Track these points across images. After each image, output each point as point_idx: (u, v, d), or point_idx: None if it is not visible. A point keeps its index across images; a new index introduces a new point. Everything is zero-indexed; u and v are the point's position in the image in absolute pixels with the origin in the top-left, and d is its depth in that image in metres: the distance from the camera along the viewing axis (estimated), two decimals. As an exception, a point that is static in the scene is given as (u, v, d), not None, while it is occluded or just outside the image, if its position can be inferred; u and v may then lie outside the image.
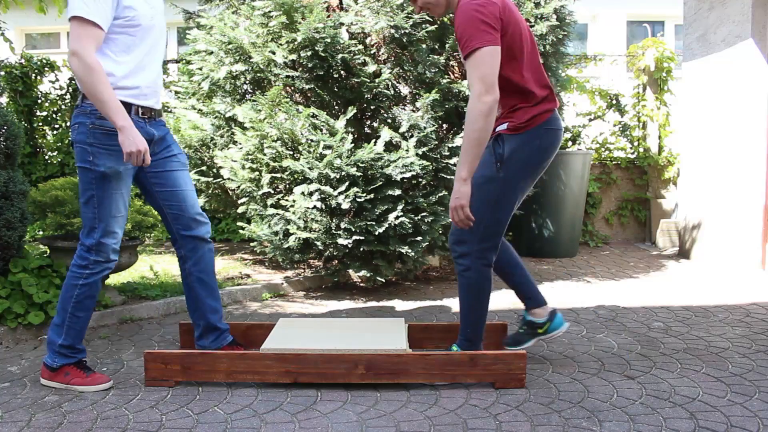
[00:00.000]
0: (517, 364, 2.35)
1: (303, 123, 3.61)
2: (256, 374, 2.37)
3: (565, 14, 4.12)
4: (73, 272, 2.37)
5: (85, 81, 2.17)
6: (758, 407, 2.17)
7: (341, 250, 3.70)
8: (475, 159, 2.25)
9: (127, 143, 2.20)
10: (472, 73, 2.22)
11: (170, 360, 2.37)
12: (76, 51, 2.15)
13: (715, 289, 4.19)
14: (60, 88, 6.35)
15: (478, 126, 2.20)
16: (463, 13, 2.24)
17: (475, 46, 2.19)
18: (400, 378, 2.35)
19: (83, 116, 2.30)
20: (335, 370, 2.35)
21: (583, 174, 5.50)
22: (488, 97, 2.19)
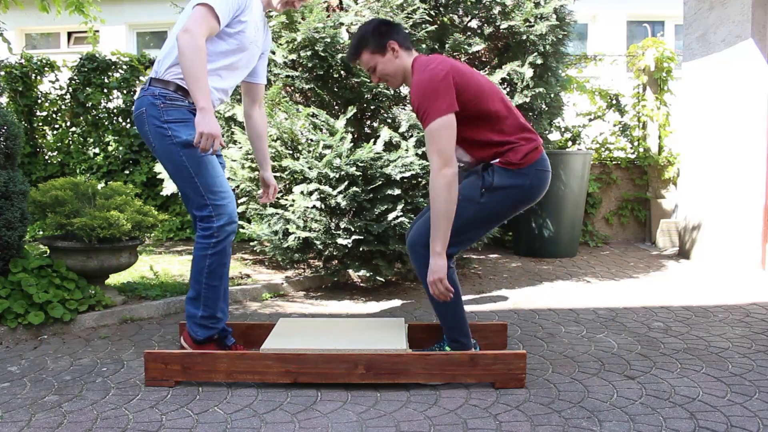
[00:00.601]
0: (517, 364, 2.35)
1: (303, 123, 3.61)
2: (256, 374, 2.36)
3: (565, 14, 4.12)
4: (199, 243, 2.43)
5: (189, 57, 2.21)
6: (758, 407, 2.17)
7: (341, 249, 3.70)
8: (447, 231, 2.29)
9: (203, 123, 2.22)
10: (430, 146, 2.27)
11: (170, 360, 2.36)
12: (191, 29, 2.22)
13: (715, 289, 4.19)
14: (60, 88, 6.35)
15: (442, 199, 2.25)
16: (416, 89, 2.30)
17: (431, 119, 2.25)
18: (400, 378, 2.35)
19: (152, 98, 2.36)
20: (335, 370, 2.35)
21: (583, 174, 5.50)
22: (447, 170, 2.24)
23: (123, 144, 6.19)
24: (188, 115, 2.37)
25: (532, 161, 2.40)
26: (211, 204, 2.40)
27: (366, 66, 2.47)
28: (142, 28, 10.26)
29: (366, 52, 2.43)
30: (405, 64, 2.42)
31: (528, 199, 2.45)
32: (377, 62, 2.43)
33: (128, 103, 6.26)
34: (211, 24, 2.28)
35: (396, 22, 2.53)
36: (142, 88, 2.43)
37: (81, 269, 3.22)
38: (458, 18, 4.12)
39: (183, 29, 2.23)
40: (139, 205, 3.43)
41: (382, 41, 2.40)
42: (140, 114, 2.40)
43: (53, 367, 2.59)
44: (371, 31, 2.41)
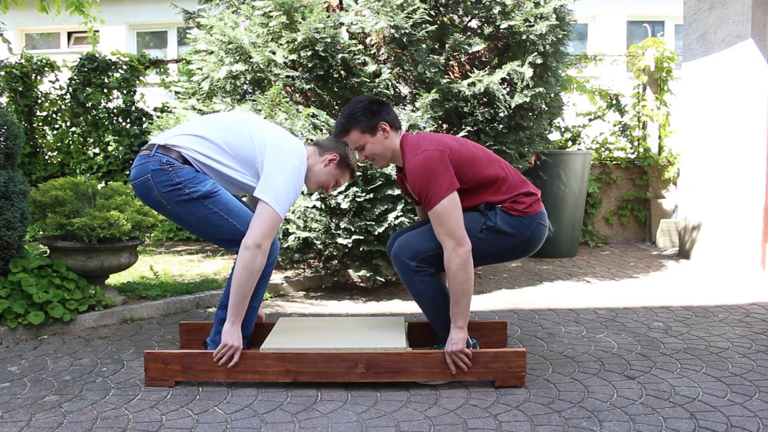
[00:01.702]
0: (517, 362, 2.35)
1: (303, 123, 3.61)
2: (256, 374, 2.36)
3: (565, 14, 4.11)
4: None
5: (251, 274, 2.30)
6: (758, 407, 2.17)
7: (341, 249, 3.70)
8: (467, 309, 2.32)
9: (229, 336, 2.32)
10: (440, 229, 2.29)
11: (170, 360, 2.36)
12: (264, 247, 2.30)
13: (715, 289, 4.19)
14: (60, 88, 6.36)
15: (461, 279, 2.28)
16: (415, 174, 2.30)
17: (436, 201, 2.26)
18: (400, 377, 2.35)
19: (157, 164, 2.35)
20: (335, 369, 2.35)
21: (583, 174, 5.50)
22: (461, 249, 2.27)
23: (123, 144, 6.19)
24: (197, 173, 2.36)
25: (536, 212, 2.43)
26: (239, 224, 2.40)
27: (354, 144, 2.45)
28: (142, 28, 10.26)
29: (355, 131, 2.42)
30: (394, 145, 2.42)
31: (523, 250, 2.49)
32: (366, 142, 2.41)
33: (128, 103, 6.26)
34: (278, 226, 2.35)
35: (386, 102, 2.51)
36: (144, 155, 2.39)
37: (81, 269, 3.23)
38: (458, 18, 4.12)
39: (256, 243, 2.27)
40: (139, 205, 3.43)
41: (372, 122, 2.39)
42: (145, 181, 2.37)
43: (53, 367, 2.59)
44: (361, 111, 2.39)
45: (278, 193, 2.31)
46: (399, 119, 2.49)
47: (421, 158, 2.29)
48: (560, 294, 4.06)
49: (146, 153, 2.39)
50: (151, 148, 2.40)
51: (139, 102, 6.37)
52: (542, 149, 4.87)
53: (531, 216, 2.42)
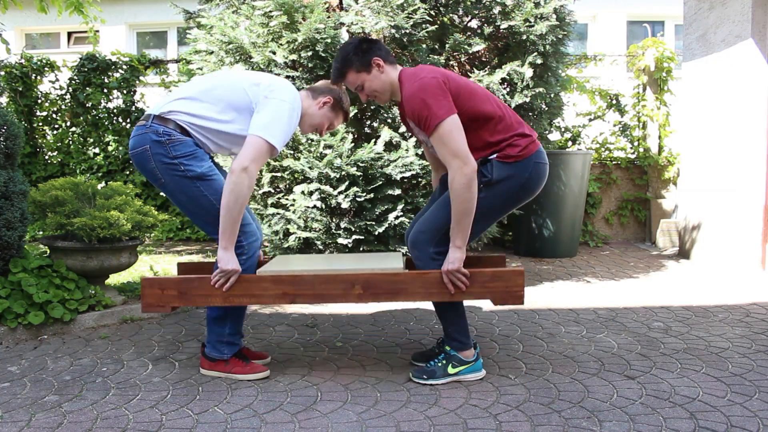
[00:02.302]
0: (515, 281, 2.30)
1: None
2: (252, 297, 2.32)
3: (565, 14, 4.12)
4: None
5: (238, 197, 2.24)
6: (758, 407, 2.17)
7: (341, 249, 3.70)
8: (467, 227, 2.31)
9: (229, 262, 2.30)
10: (443, 149, 2.27)
11: (167, 285, 2.32)
12: (251, 170, 2.26)
13: (715, 289, 4.19)
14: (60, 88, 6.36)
15: (463, 198, 2.26)
16: (411, 99, 2.30)
17: (435, 123, 2.25)
18: (399, 297, 2.30)
19: (155, 135, 2.35)
20: (332, 291, 2.30)
21: (583, 174, 5.50)
22: (467, 168, 2.24)
23: (123, 144, 6.19)
24: (195, 148, 2.36)
25: (530, 153, 2.40)
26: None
27: (353, 85, 2.46)
28: (142, 28, 10.27)
29: (351, 72, 2.43)
30: (391, 79, 2.42)
31: (526, 193, 2.44)
32: (364, 80, 2.42)
33: (128, 103, 6.26)
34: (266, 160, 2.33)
35: (377, 39, 2.52)
36: (142, 125, 2.40)
37: (81, 269, 3.23)
38: (458, 18, 4.13)
39: (242, 167, 2.24)
40: (139, 205, 3.43)
41: (365, 59, 2.39)
42: (143, 151, 2.37)
43: (53, 367, 2.59)
44: (353, 51, 2.41)
45: (267, 125, 2.30)
46: (390, 53, 2.49)
47: (418, 84, 2.29)
48: (560, 294, 4.06)
49: (143, 123, 2.39)
50: (147, 119, 2.39)
51: (139, 102, 6.37)
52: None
53: (527, 158, 2.39)
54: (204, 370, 2.51)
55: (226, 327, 2.46)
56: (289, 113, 2.36)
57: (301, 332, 3.13)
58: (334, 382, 2.42)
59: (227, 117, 2.38)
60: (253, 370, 2.46)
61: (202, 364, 2.52)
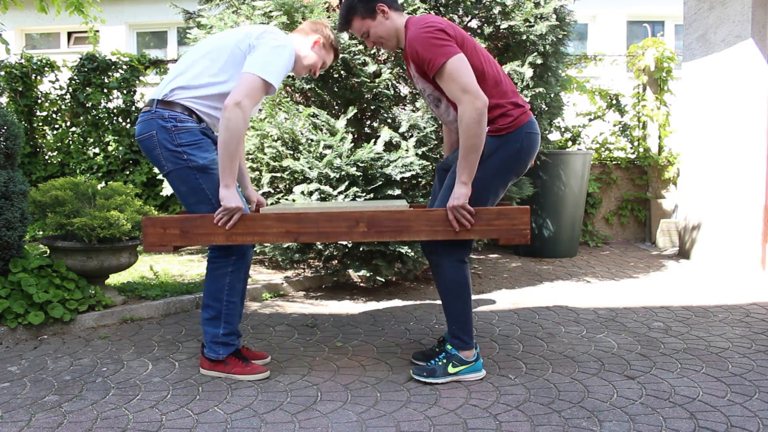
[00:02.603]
0: (521, 219, 2.28)
1: (303, 123, 3.61)
2: (255, 235, 2.29)
3: (565, 14, 4.11)
4: (217, 264, 2.43)
5: (233, 133, 2.22)
6: (758, 407, 2.17)
7: (341, 249, 3.70)
8: (474, 164, 2.28)
9: (232, 199, 2.27)
10: (452, 85, 2.24)
11: (169, 224, 2.30)
12: (244, 105, 2.22)
13: (715, 289, 4.19)
14: (60, 88, 6.35)
15: (473, 133, 2.23)
16: (416, 42, 2.28)
17: (442, 61, 2.23)
18: (403, 235, 2.27)
19: (161, 120, 2.34)
20: (336, 229, 2.27)
21: (583, 174, 5.50)
22: (478, 102, 2.21)
23: (123, 144, 6.19)
24: (200, 137, 2.36)
25: (522, 123, 2.37)
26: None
27: (358, 32, 2.46)
28: (142, 28, 10.27)
29: (356, 19, 2.42)
30: (397, 25, 2.41)
31: (520, 164, 2.41)
32: (369, 27, 2.42)
33: (128, 103, 6.26)
34: (261, 98, 2.30)
35: None
36: (147, 111, 2.39)
37: (81, 269, 3.23)
38: (458, 18, 4.12)
39: (235, 102, 2.21)
40: (139, 205, 3.43)
41: (370, 5, 2.39)
42: (149, 137, 2.37)
43: (53, 367, 2.59)
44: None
45: (260, 63, 2.28)
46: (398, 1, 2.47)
47: (423, 29, 2.28)
48: (560, 294, 4.06)
49: (147, 109, 2.38)
50: (151, 104, 2.39)
51: (139, 102, 6.37)
52: (542, 149, 4.87)
53: (518, 128, 2.36)
54: (204, 371, 2.51)
55: (219, 328, 2.45)
56: (281, 51, 2.33)
57: (301, 332, 3.13)
58: (334, 382, 2.42)
59: (223, 77, 2.36)
60: (253, 371, 2.46)
61: (202, 364, 2.52)
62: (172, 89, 2.37)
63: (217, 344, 2.47)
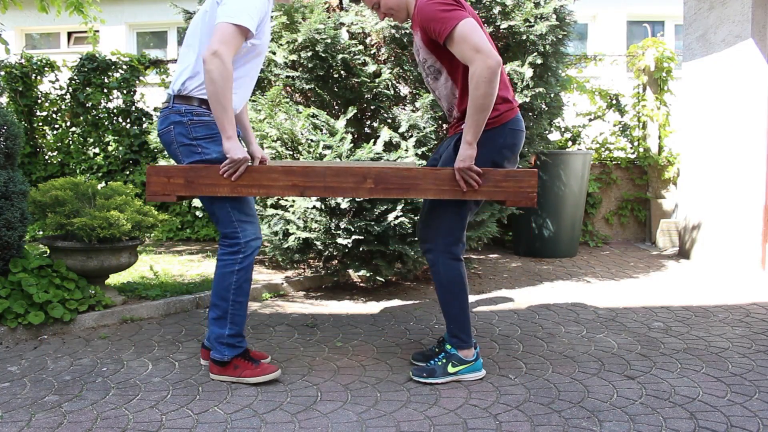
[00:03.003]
0: (528, 182, 2.26)
1: (303, 123, 3.61)
2: (261, 188, 2.27)
3: (565, 14, 4.11)
4: (224, 261, 2.41)
5: (217, 83, 2.19)
6: (758, 407, 2.17)
7: (341, 250, 3.70)
8: (481, 124, 2.25)
9: (236, 151, 2.26)
10: (463, 46, 2.20)
11: (174, 174, 2.28)
12: (221, 53, 2.18)
13: (715, 289, 4.19)
14: (60, 88, 6.36)
15: (484, 92, 2.19)
16: (425, 8, 2.27)
17: (453, 24, 2.21)
18: (410, 193, 2.26)
19: (177, 116, 2.35)
20: (343, 184, 2.24)
21: (583, 174, 5.50)
22: (490, 60, 2.17)
23: (123, 144, 6.20)
24: (215, 130, 2.35)
25: (506, 120, 2.36)
26: (237, 220, 2.39)
27: (369, 3, 2.45)
28: (142, 28, 10.27)
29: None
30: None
31: (501, 159, 2.39)
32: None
33: (128, 103, 6.26)
34: (239, 42, 2.24)
35: None
36: (165, 107, 2.41)
37: (81, 269, 3.23)
38: (458, 18, 4.12)
39: (211, 51, 2.17)
40: (139, 205, 3.43)
41: None
42: (167, 132, 2.38)
43: (53, 367, 2.59)
44: None
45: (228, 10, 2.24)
46: None
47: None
48: (560, 294, 4.06)
49: (166, 106, 2.40)
50: (169, 100, 2.40)
51: (139, 102, 6.37)
52: (542, 149, 4.87)
53: (502, 124, 2.35)
54: (214, 375, 2.46)
55: (225, 328, 2.43)
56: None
57: (301, 332, 3.13)
58: (334, 382, 2.42)
59: None
60: (263, 372, 2.42)
61: (211, 369, 2.47)
62: (183, 82, 2.38)
63: (222, 345, 2.44)
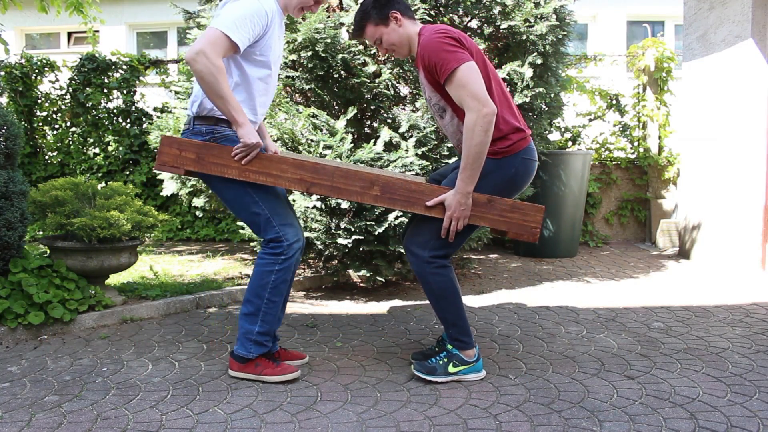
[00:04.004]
0: (534, 217, 2.27)
1: (303, 123, 3.61)
2: (269, 176, 2.27)
3: (565, 14, 4.11)
4: (265, 260, 2.40)
5: (208, 80, 2.19)
6: (758, 407, 2.17)
7: (341, 250, 3.70)
8: (477, 173, 2.26)
9: (249, 136, 2.26)
10: (461, 92, 2.23)
11: (186, 147, 2.29)
12: (205, 51, 2.18)
13: (715, 289, 4.19)
14: (60, 88, 6.36)
15: (478, 141, 2.22)
16: (427, 46, 2.28)
17: (453, 66, 2.22)
18: (414, 207, 2.26)
19: (199, 136, 2.37)
20: (350, 187, 2.25)
21: (583, 174, 5.50)
22: (487, 110, 2.20)
23: (123, 144, 6.20)
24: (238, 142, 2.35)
25: (519, 149, 2.37)
26: (278, 225, 2.38)
27: (371, 39, 2.46)
28: (142, 28, 10.26)
29: (370, 25, 2.43)
30: (410, 33, 2.41)
31: (513, 188, 2.41)
32: (382, 33, 2.42)
33: (128, 103, 6.26)
34: (225, 48, 2.23)
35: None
36: (186, 130, 2.43)
37: (81, 269, 3.23)
38: (458, 18, 4.12)
39: (195, 51, 2.17)
40: (139, 205, 3.43)
41: (383, 12, 2.40)
42: None
43: (53, 367, 2.59)
44: (372, 4, 2.42)
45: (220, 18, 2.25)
46: (411, 8, 2.47)
47: (437, 35, 2.28)
48: (560, 294, 4.06)
49: (187, 128, 2.42)
50: (189, 122, 2.42)
51: (139, 102, 6.37)
52: (542, 149, 4.87)
53: (515, 153, 2.36)
54: (233, 372, 2.45)
55: (255, 325, 2.41)
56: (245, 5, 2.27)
57: (301, 332, 3.13)
58: (334, 382, 2.42)
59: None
60: (283, 371, 2.41)
61: (231, 365, 2.47)
62: (201, 102, 2.38)
63: (250, 341, 2.41)
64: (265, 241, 2.42)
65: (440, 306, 2.45)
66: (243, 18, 2.25)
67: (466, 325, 2.47)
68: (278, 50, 2.48)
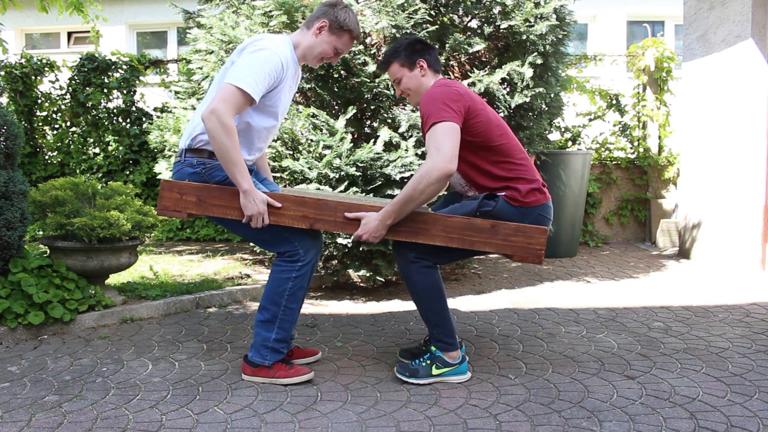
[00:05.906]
0: (537, 239, 2.27)
1: (303, 123, 3.61)
2: (272, 215, 2.29)
3: (565, 14, 4.11)
4: (281, 267, 2.40)
5: (219, 141, 2.19)
6: (758, 407, 2.17)
7: (341, 249, 3.70)
8: (402, 215, 2.27)
9: (250, 206, 2.27)
10: (429, 143, 2.25)
11: (187, 191, 2.30)
12: (218, 110, 2.18)
13: (715, 289, 4.19)
14: (60, 88, 6.36)
15: (422, 189, 2.21)
16: (426, 97, 2.33)
17: (433, 121, 2.25)
18: (419, 237, 2.28)
19: (190, 168, 2.37)
20: (354, 222, 2.27)
21: (583, 174, 5.50)
22: (445, 165, 2.20)
23: (123, 144, 6.20)
24: None
25: (537, 204, 2.39)
26: (292, 236, 2.38)
27: (392, 77, 2.51)
28: (142, 28, 10.26)
29: (395, 64, 2.48)
30: (428, 84, 2.45)
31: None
32: (403, 75, 2.47)
33: (128, 103, 6.26)
34: (240, 103, 2.23)
35: (432, 45, 2.55)
36: (177, 162, 2.42)
37: (81, 269, 3.23)
38: (458, 18, 4.12)
39: (209, 110, 2.18)
40: (139, 205, 3.43)
41: (412, 57, 2.45)
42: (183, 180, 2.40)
43: (53, 367, 2.59)
44: (404, 46, 2.47)
45: (236, 72, 2.24)
46: (440, 63, 2.51)
47: (440, 89, 2.33)
48: (560, 294, 4.06)
49: (178, 160, 2.42)
50: (181, 154, 2.41)
51: (139, 102, 6.37)
52: (542, 149, 4.88)
53: (532, 207, 2.37)
54: (246, 377, 2.44)
55: (272, 332, 2.40)
56: (257, 56, 2.27)
57: (301, 332, 3.13)
58: (334, 382, 2.42)
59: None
60: (297, 373, 2.40)
61: (244, 370, 2.45)
62: (195, 136, 2.37)
63: (267, 348, 2.40)
64: (278, 255, 2.42)
65: (423, 306, 2.45)
66: (260, 69, 2.25)
67: (449, 327, 2.45)
68: (287, 101, 2.47)
